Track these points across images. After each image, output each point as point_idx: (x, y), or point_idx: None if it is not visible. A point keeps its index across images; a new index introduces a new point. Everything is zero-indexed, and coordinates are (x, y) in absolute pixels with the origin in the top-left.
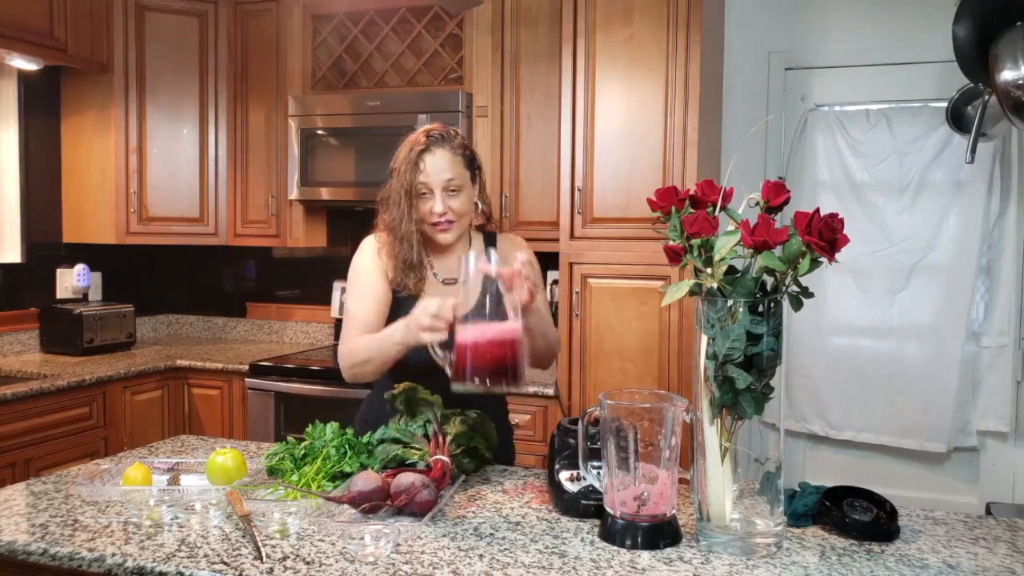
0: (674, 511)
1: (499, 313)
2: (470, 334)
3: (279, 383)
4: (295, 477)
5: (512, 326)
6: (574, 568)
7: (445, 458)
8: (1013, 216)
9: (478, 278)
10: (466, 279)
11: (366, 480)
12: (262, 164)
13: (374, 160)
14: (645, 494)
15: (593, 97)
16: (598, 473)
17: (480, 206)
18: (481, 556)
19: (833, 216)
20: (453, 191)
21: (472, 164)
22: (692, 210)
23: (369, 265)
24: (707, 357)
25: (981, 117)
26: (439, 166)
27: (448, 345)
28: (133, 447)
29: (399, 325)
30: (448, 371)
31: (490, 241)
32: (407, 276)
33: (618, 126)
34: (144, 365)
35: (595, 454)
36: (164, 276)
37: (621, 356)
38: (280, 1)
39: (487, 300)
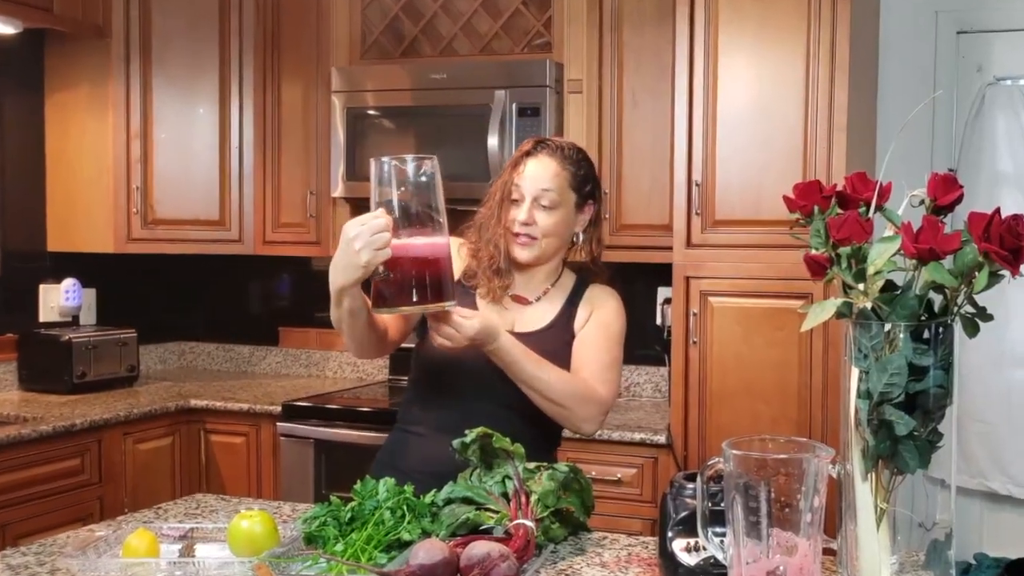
0: None
1: (421, 220)
2: (395, 249)
3: (320, 428)
4: (340, 547)
5: (438, 241)
6: None
7: (529, 523)
8: None
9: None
10: (384, 183)
11: (429, 551)
12: (298, 153)
13: (438, 147)
14: (781, 568)
15: (715, 69)
16: (721, 542)
17: (579, 240)
18: None
19: (1018, 218)
20: (546, 206)
21: (583, 187)
22: (840, 211)
23: None
24: (858, 396)
25: None
26: (537, 173)
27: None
28: (136, 508)
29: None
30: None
31: (581, 287)
32: (491, 281)
33: (746, 105)
34: (150, 406)
35: (718, 518)
36: (175, 294)
37: (750, 394)
38: None
39: (410, 208)
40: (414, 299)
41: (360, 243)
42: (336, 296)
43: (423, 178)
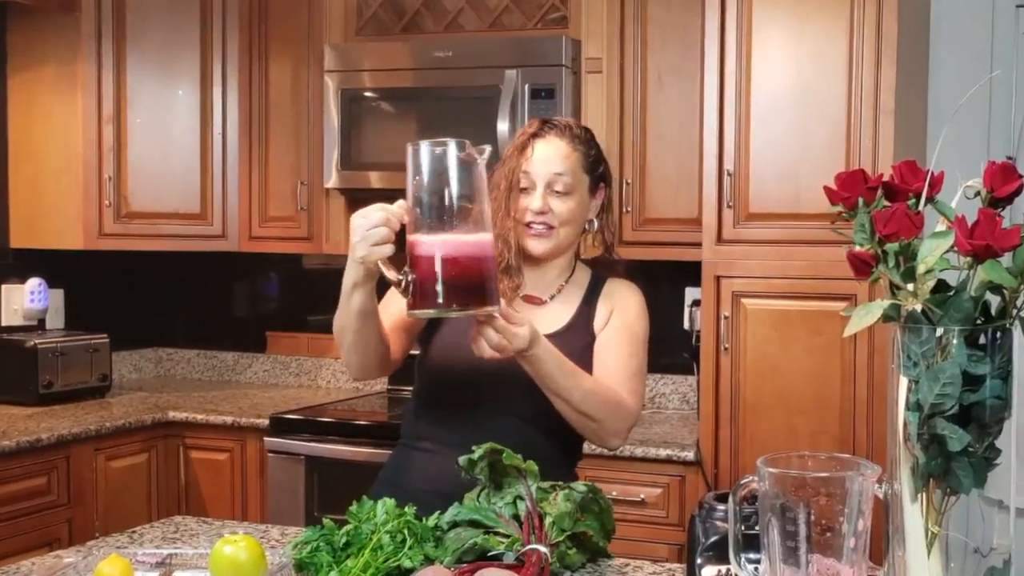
0: None
1: (463, 218)
2: (432, 247)
3: (311, 444)
4: (334, 575)
5: (485, 238)
6: None
7: (543, 548)
8: None
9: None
10: (423, 171)
11: None
12: (288, 139)
13: (443, 132)
14: None
15: (749, 47)
16: (756, 569)
17: (595, 227)
18: None
19: None
20: (560, 192)
21: (595, 170)
22: (887, 203)
23: None
24: (907, 408)
25: None
26: (548, 156)
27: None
28: (108, 532)
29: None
30: (404, 294)
31: (598, 282)
32: (500, 281)
33: (784, 86)
34: (123, 419)
35: (752, 543)
36: (151, 295)
37: (787, 406)
38: None
39: (450, 202)
40: (453, 303)
41: (356, 236)
42: (346, 293)
43: (463, 166)
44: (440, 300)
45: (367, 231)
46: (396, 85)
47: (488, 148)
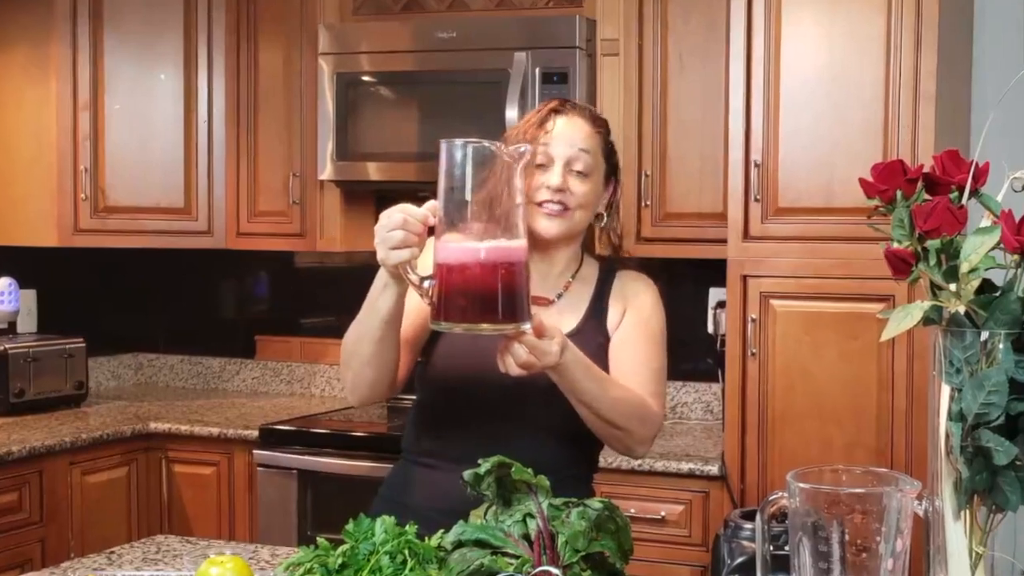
0: None
1: (495, 223)
2: (460, 254)
3: (304, 457)
4: None
5: (518, 246)
6: None
7: (555, 570)
8: None
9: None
10: (455, 171)
11: None
12: (279, 127)
13: (447, 119)
14: None
15: (778, 27)
16: None
17: (604, 221)
18: None
19: None
20: (581, 171)
21: (611, 158)
22: (927, 196)
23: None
24: (950, 418)
25: None
26: (570, 132)
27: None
28: (84, 552)
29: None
30: (430, 304)
31: (608, 276)
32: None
33: (816, 70)
34: (101, 430)
35: (781, 564)
36: (131, 296)
37: (820, 415)
38: None
39: (482, 206)
40: (481, 318)
41: (377, 238)
42: (374, 295)
43: (498, 167)
44: (467, 314)
45: (386, 233)
46: (396, 69)
47: (527, 149)
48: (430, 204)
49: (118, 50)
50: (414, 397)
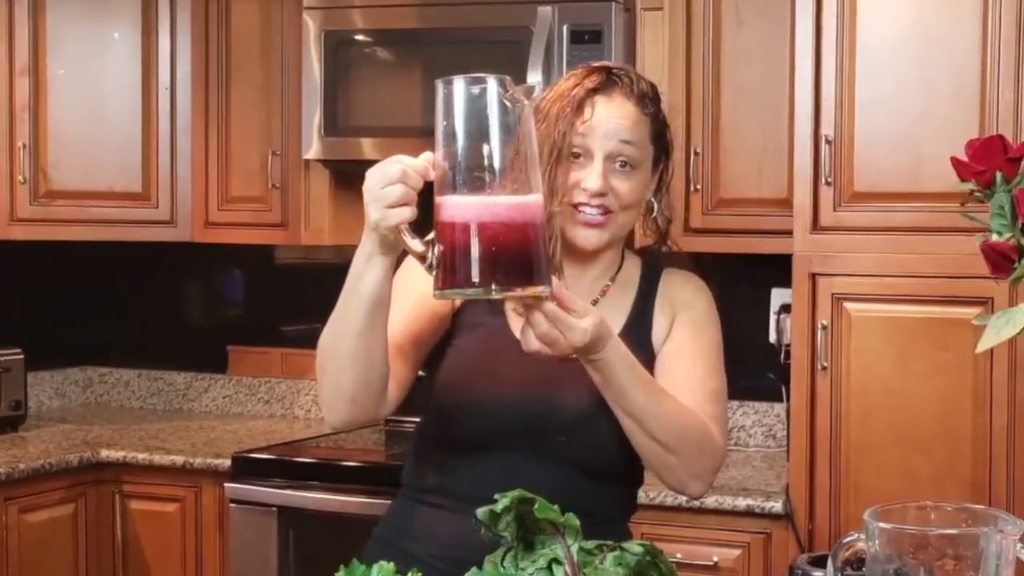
0: None
1: (505, 174)
2: (467, 210)
3: (286, 491)
4: None
5: (532, 201)
6: None
7: None
8: None
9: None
10: (455, 115)
11: None
12: (255, 95)
13: None
14: None
15: None
16: None
17: (656, 210)
18: None
19: None
20: (624, 165)
21: (661, 138)
22: None
23: None
24: None
25: None
26: (613, 119)
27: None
28: None
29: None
30: (430, 270)
31: (652, 277)
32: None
33: (899, 30)
34: (43, 459)
35: None
36: (79, 299)
37: (904, 441)
38: None
39: (489, 154)
40: (491, 280)
41: (368, 196)
42: (355, 274)
43: (506, 109)
44: (475, 277)
45: (381, 189)
46: (395, 26)
47: (537, 86)
48: (427, 155)
49: (63, 4)
50: (417, 420)
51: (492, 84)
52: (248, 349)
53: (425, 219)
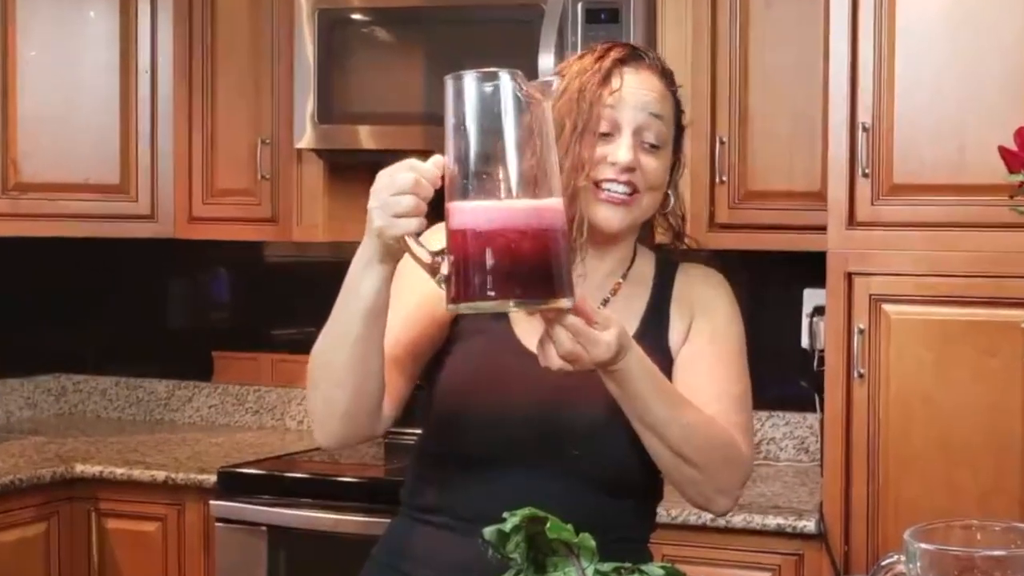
0: None
1: (521, 177)
2: (479, 216)
3: (276, 509)
4: None
5: (552, 206)
6: None
7: None
8: None
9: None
10: (467, 114)
11: None
12: (243, 80)
13: (463, 68)
14: None
15: None
16: None
17: (672, 201)
18: None
19: None
20: (652, 144)
21: (680, 120)
22: None
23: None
24: None
25: None
26: (642, 93)
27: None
28: None
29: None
30: (441, 284)
31: (667, 272)
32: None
33: (941, 8)
34: (12, 474)
35: None
36: (52, 301)
37: (947, 455)
38: None
39: (504, 156)
40: (509, 293)
41: (375, 201)
42: (352, 281)
43: (523, 107)
44: (490, 289)
45: (389, 196)
46: (395, 4)
47: (556, 81)
48: (437, 159)
49: None
50: (418, 432)
51: (505, 79)
52: (235, 355)
53: (426, 220)
